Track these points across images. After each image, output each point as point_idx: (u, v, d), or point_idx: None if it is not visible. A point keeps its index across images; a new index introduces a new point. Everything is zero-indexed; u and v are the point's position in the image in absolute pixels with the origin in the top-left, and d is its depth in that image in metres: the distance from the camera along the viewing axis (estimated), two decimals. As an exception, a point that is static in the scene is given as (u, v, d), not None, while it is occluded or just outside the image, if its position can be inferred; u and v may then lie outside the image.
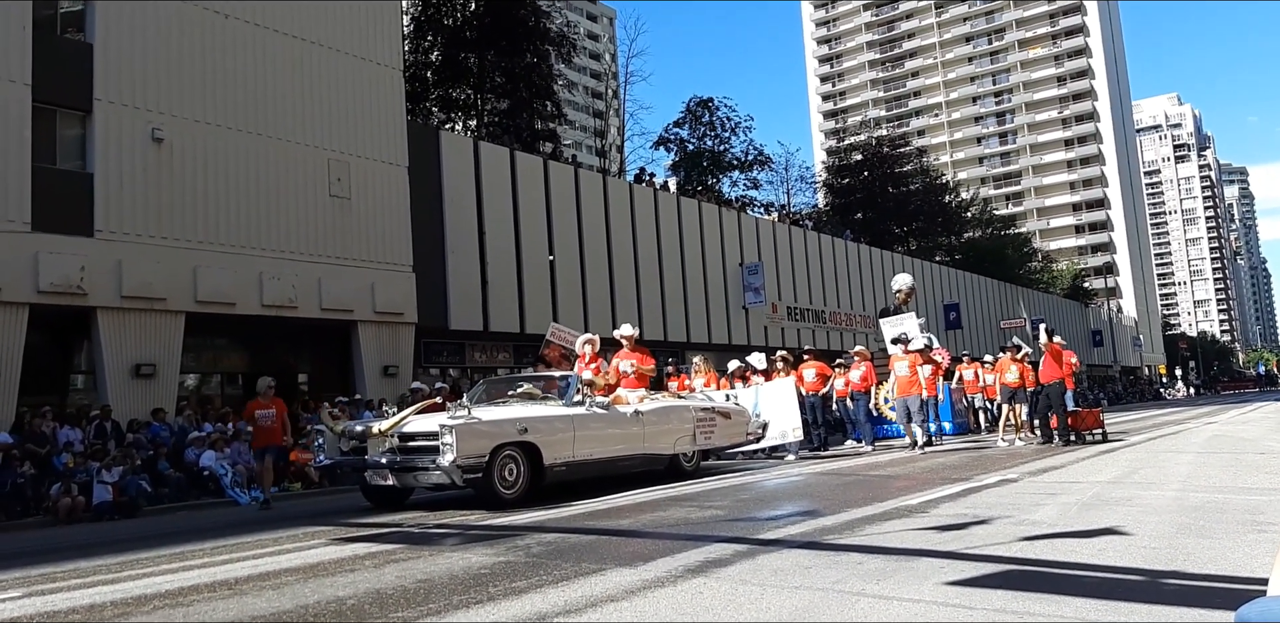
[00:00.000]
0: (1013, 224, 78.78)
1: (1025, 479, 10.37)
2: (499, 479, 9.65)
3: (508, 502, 9.60)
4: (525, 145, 31.50)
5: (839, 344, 37.65)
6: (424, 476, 9.52)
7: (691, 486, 11.33)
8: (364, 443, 10.08)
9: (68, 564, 7.56)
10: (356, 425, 10.58)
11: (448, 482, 9.43)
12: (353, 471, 10.30)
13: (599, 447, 10.93)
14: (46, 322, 16.59)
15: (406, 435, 9.82)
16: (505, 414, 10.27)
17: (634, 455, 11.53)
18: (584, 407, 10.92)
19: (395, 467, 9.65)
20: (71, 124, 17.42)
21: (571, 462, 10.48)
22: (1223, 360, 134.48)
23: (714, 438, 13.04)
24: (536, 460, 10.04)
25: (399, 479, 9.71)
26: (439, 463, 9.23)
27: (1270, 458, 12.16)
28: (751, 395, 15.43)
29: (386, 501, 10.57)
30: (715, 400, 14.09)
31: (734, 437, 13.70)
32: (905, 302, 25.15)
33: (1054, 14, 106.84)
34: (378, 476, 9.86)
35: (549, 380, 11.79)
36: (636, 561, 5.96)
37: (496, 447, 9.61)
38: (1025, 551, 5.88)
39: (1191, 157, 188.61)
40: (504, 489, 9.69)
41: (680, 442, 12.30)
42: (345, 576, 6.04)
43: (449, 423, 9.37)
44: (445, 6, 34.73)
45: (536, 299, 25.91)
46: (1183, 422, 23.61)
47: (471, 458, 9.33)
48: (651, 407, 12.02)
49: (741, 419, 13.85)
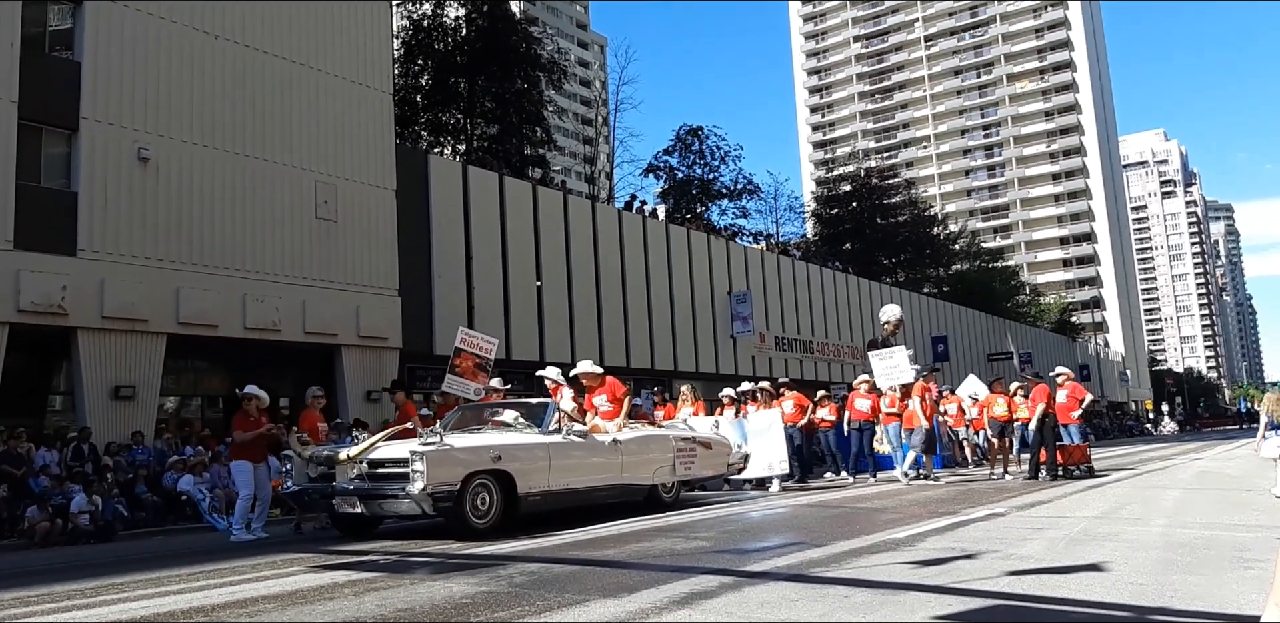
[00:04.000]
0: (1000, 257, 79.18)
1: (1013, 514, 10.31)
2: (471, 508, 9.34)
3: (480, 532, 9.31)
4: (514, 171, 31.50)
5: (826, 375, 37.66)
6: (393, 504, 9.23)
7: (677, 516, 11.22)
8: (333, 469, 9.74)
9: (41, 588, 7.41)
10: (324, 451, 10.19)
11: (418, 511, 9.12)
12: (321, 498, 9.90)
13: (576, 476, 10.65)
14: (26, 341, 16.41)
15: (375, 462, 9.52)
16: (478, 441, 9.98)
17: (612, 485, 11.24)
18: (560, 435, 10.61)
19: (364, 494, 9.36)
20: (57, 142, 17.34)
21: (547, 491, 10.19)
22: (1209, 397, 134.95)
23: (694, 468, 12.68)
24: (510, 490, 9.74)
25: (367, 507, 9.42)
26: (408, 491, 8.93)
27: (1256, 495, 12.12)
28: (738, 426, 15.27)
29: (356, 529, 10.32)
30: (697, 430, 13.77)
31: (715, 467, 13.34)
32: (893, 333, 25.11)
33: (1042, 49, 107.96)
34: (346, 503, 9.55)
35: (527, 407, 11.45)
36: (621, 592, 5.87)
37: (469, 475, 9.31)
38: (1012, 585, 5.81)
39: (1178, 193, 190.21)
40: (476, 519, 9.39)
41: (660, 472, 11.99)
42: (324, 604, 5.93)
43: (419, 449, 9.06)
44: (436, 31, 34.84)
45: (523, 325, 25.82)
46: (1169, 458, 23.60)
47: (442, 486, 9.03)
48: (630, 436, 11.75)
49: (723, 449, 13.52)
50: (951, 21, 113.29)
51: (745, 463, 14.32)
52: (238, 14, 19.99)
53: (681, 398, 16.93)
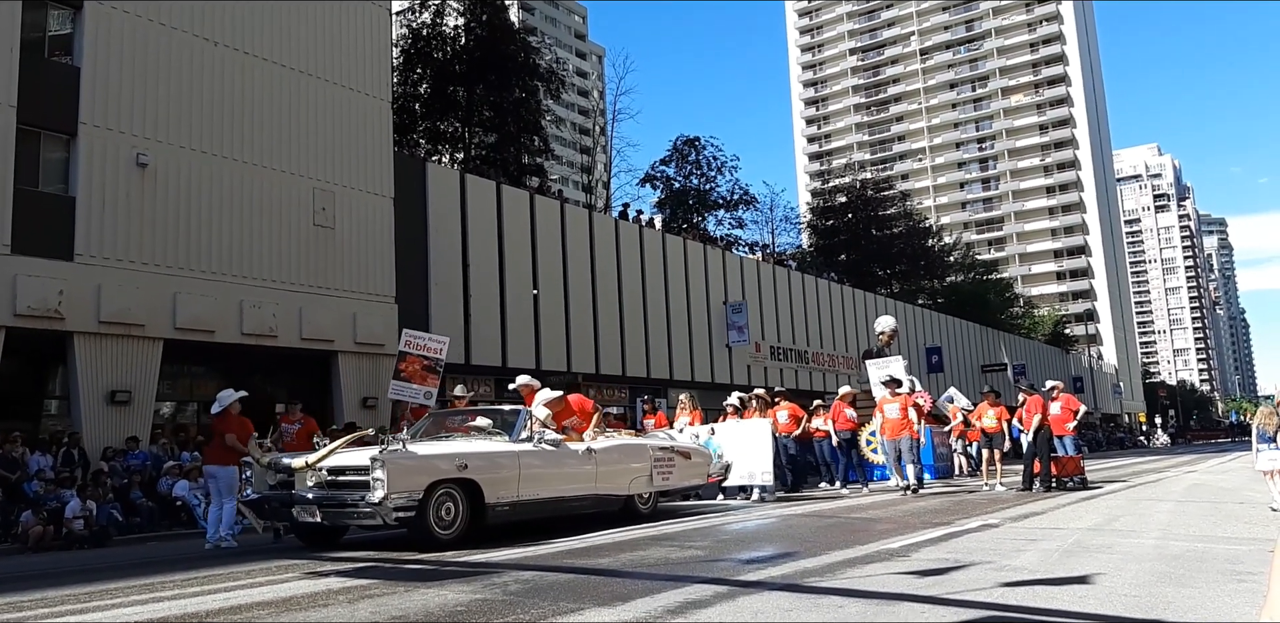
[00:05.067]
0: (995, 269, 79.30)
1: (1006, 525, 10.33)
2: (435, 519, 9.05)
3: (444, 544, 9.02)
4: (512, 179, 31.54)
5: (821, 384, 37.66)
6: (353, 513, 8.93)
7: (671, 525, 11.23)
8: (292, 477, 9.41)
9: (35, 593, 7.40)
10: (283, 458, 9.83)
11: (378, 521, 8.85)
12: (281, 506, 9.51)
13: (547, 486, 10.36)
14: (22, 345, 16.37)
15: (335, 470, 9.20)
16: (443, 449, 9.71)
17: (585, 496, 10.94)
18: (532, 443, 10.31)
19: (323, 503, 9.05)
20: (55, 147, 17.35)
21: (517, 501, 9.87)
22: (1202, 410, 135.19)
23: (672, 479, 12.42)
24: (477, 499, 9.43)
25: (327, 517, 9.13)
26: (368, 500, 8.67)
27: (1249, 508, 12.16)
28: (725, 433, 15.17)
29: (319, 539, 10.05)
30: (677, 440, 13.54)
31: (694, 478, 13.12)
32: (888, 344, 25.24)
33: (1036, 63, 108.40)
34: (306, 512, 9.21)
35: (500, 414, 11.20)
36: (615, 600, 5.88)
37: (432, 484, 9.01)
38: (1006, 597, 5.84)
39: (1171, 207, 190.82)
40: (440, 530, 9.09)
41: (636, 482, 11.73)
42: (318, 610, 5.93)
43: (380, 457, 8.77)
44: (435, 40, 34.89)
45: (519, 333, 25.82)
46: (1162, 470, 23.64)
47: (404, 495, 8.76)
48: (606, 445, 11.47)
49: (702, 460, 13.30)
50: (947, 35, 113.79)
51: (726, 474, 14.16)
52: (237, 21, 20.03)
53: (680, 407, 16.87)
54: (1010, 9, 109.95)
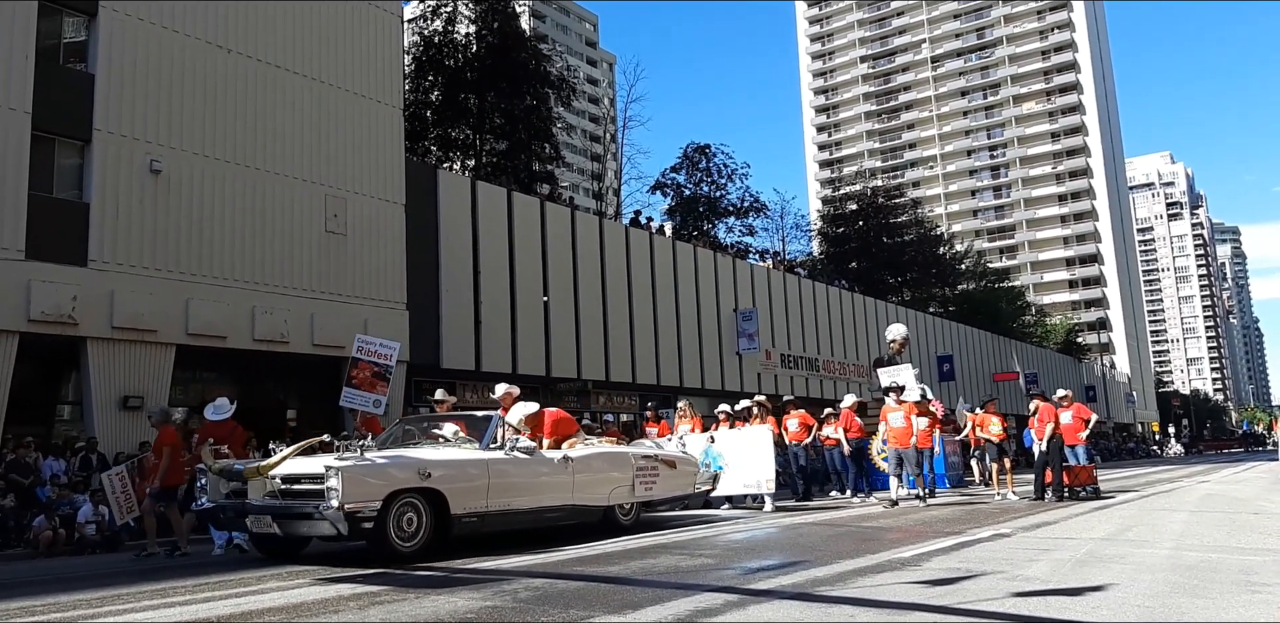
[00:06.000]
0: (1006, 277, 79.11)
1: (1018, 534, 10.29)
2: (395, 530, 8.64)
3: (405, 556, 8.64)
4: (523, 186, 31.60)
5: (832, 392, 37.58)
6: (309, 523, 8.49)
7: (682, 533, 11.21)
8: (245, 485, 9.01)
9: (47, 598, 7.42)
10: (236, 465, 9.40)
11: (334, 531, 8.41)
12: (237, 516, 9.12)
13: (520, 496, 9.87)
14: (35, 351, 16.46)
15: (290, 477, 8.78)
16: (406, 457, 9.30)
17: (561, 507, 10.41)
18: (504, 451, 9.89)
19: (277, 513, 8.68)
20: (70, 153, 17.46)
21: (486, 512, 9.41)
22: (1215, 419, 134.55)
23: (656, 489, 11.85)
24: (443, 510, 8.99)
25: (282, 527, 8.72)
26: (322, 510, 8.24)
27: (1264, 518, 12.10)
28: (725, 441, 14.84)
29: (280, 550, 9.55)
30: (664, 448, 13.12)
31: (679, 488, 12.49)
32: (899, 352, 25.20)
33: (1048, 71, 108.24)
34: (260, 523, 8.83)
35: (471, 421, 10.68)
36: (625, 608, 5.87)
37: (393, 493, 8.61)
38: (1018, 607, 5.81)
39: (1184, 215, 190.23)
40: (401, 542, 8.69)
41: (617, 492, 11.20)
42: (329, 617, 5.93)
43: (336, 464, 8.39)
44: (447, 48, 35.03)
45: (530, 339, 25.84)
46: (1176, 480, 23.53)
47: (361, 505, 8.34)
48: (584, 453, 10.98)
49: (689, 469, 12.79)
50: (958, 42, 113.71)
51: (714, 484, 13.59)
52: (251, 28, 20.14)
53: (679, 414, 16.63)
54: (1022, 16, 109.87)
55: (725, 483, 14.06)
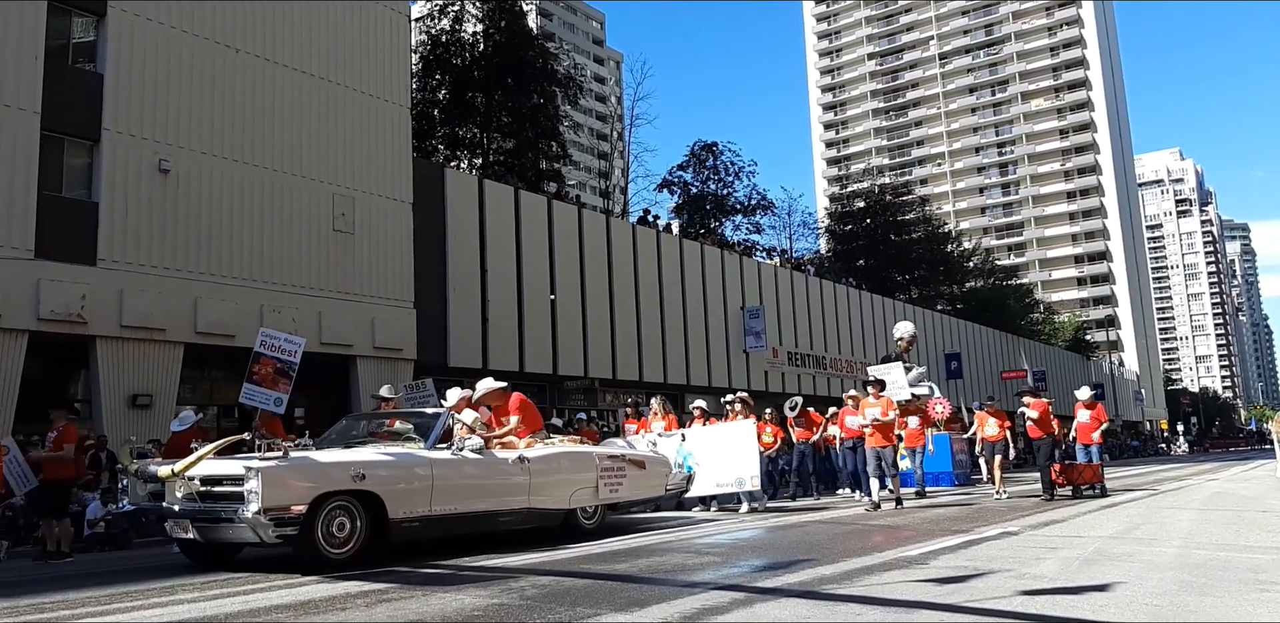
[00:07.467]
0: (1015, 275, 78.92)
1: (1026, 533, 10.28)
2: (324, 536, 8.03)
3: (336, 563, 8.04)
4: (530, 184, 31.61)
5: (840, 390, 37.51)
6: (229, 528, 7.89)
7: (688, 531, 11.22)
8: (163, 486, 8.39)
9: (56, 595, 7.45)
10: (152, 465, 8.72)
11: (255, 537, 7.82)
12: (159, 519, 8.52)
13: (468, 499, 9.20)
14: (45, 349, 16.54)
15: (210, 479, 8.12)
16: (339, 457, 8.68)
17: (516, 510, 9.73)
18: (450, 450, 9.23)
19: (195, 517, 8.07)
20: (79, 153, 17.51)
21: (429, 516, 8.79)
22: (1224, 417, 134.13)
23: (622, 491, 11.10)
24: (380, 514, 8.39)
25: (203, 534, 8.13)
26: (242, 514, 7.66)
27: (1273, 516, 12.06)
28: (697, 439, 14.05)
29: (210, 557, 8.81)
30: (636, 447, 12.42)
31: (649, 489, 11.77)
32: (907, 350, 25.18)
33: (1057, 67, 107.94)
34: (179, 527, 8.27)
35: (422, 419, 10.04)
36: (632, 606, 5.88)
37: (321, 496, 8.00)
38: (1026, 605, 5.80)
39: (1193, 212, 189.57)
40: (331, 548, 8.07)
41: (579, 495, 10.46)
42: (336, 614, 5.95)
43: (256, 465, 7.76)
44: (454, 46, 35.05)
45: (537, 338, 25.87)
46: (1184, 478, 23.45)
47: (284, 509, 7.75)
48: (542, 453, 10.27)
49: (660, 469, 12.05)
50: (966, 39, 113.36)
51: (688, 485, 12.92)
52: (258, 28, 20.19)
53: (653, 412, 15.76)
54: (1030, 13, 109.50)
55: (697, 483, 13.33)
